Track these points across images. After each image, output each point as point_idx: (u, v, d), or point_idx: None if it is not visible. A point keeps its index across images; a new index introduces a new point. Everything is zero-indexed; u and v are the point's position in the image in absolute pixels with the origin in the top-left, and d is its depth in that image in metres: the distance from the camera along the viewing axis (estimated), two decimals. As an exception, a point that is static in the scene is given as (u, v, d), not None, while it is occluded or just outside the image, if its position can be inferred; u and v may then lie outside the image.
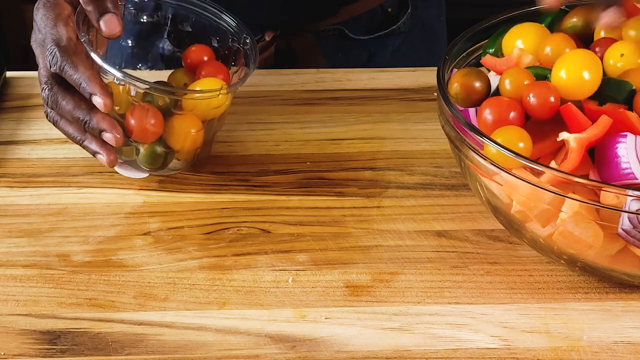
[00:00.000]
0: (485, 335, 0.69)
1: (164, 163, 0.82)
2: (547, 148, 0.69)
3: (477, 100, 0.72)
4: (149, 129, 0.79)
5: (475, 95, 0.72)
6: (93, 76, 0.75)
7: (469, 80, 0.72)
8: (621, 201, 0.63)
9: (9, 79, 0.97)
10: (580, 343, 0.68)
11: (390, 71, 0.98)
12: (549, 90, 0.69)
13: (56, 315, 0.70)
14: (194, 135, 0.80)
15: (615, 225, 0.65)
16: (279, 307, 0.71)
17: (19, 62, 1.91)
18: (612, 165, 0.66)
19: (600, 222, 0.66)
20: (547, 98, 0.69)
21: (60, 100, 0.77)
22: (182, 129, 0.79)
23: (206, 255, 0.76)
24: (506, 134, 0.68)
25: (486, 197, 0.73)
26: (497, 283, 0.73)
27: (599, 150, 0.67)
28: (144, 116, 0.78)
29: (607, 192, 0.64)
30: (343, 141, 0.89)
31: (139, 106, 0.79)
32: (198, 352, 0.68)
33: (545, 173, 0.65)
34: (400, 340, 0.68)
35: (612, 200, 0.63)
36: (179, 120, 0.79)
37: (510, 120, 0.69)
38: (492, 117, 0.70)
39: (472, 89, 0.72)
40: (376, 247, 0.77)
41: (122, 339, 0.68)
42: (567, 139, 0.66)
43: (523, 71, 0.72)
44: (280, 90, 0.95)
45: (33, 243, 0.77)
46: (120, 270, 0.75)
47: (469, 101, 0.72)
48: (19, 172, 0.85)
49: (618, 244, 0.68)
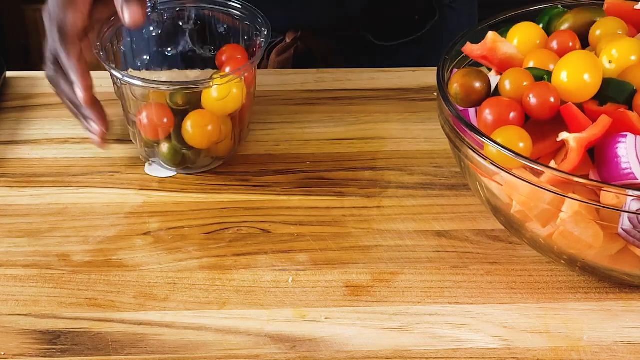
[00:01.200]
0: (485, 335, 0.69)
1: (185, 160, 0.83)
2: (547, 148, 0.69)
3: (477, 100, 0.72)
4: (158, 126, 0.81)
5: (475, 95, 0.72)
6: (80, 68, 0.78)
7: (469, 81, 0.72)
8: (621, 201, 0.63)
9: (9, 79, 0.97)
10: (580, 343, 0.68)
11: (390, 71, 0.98)
12: (549, 90, 0.69)
13: (56, 315, 0.70)
14: (210, 131, 0.81)
15: (616, 225, 0.65)
16: (279, 307, 0.71)
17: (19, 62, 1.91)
18: (612, 165, 0.66)
19: (601, 222, 0.66)
20: (547, 98, 0.69)
21: (59, 81, 0.81)
22: (198, 126, 0.80)
23: (206, 255, 0.76)
24: (506, 134, 0.68)
25: (486, 197, 0.73)
26: (497, 283, 0.73)
27: (599, 150, 0.67)
28: (151, 113, 0.80)
29: (607, 192, 0.64)
30: (343, 141, 0.89)
31: (147, 104, 0.80)
32: (198, 352, 0.68)
33: (545, 173, 0.65)
34: (400, 340, 0.68)
35: (612, 200, 0.63)
36: (194, 116, 0.81)
37: (510, 120, 0.69)
38: (492, 117, 0.70)
39: (472, 89, 0.72)
40: (376, 247, 0.77)
41: (122, 339, 0.68)
42: (567, 138, 0.66)
43: (523, 72, 0.72)
44: (280, 90, 0.95)
45: (33, 243, 0.77)
46: (120, 270, 0.75)
47: (468, 101, 0.72)
48: (19, 172, 0.85)
49: (618, 244, 0.68)
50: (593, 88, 0.69)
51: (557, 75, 0.70)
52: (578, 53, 0.72)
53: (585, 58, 0.70)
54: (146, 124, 0.81)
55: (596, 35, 0.76)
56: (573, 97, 0.69)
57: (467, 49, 0.76)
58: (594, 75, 0.69)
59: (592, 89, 0.69)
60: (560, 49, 0.75)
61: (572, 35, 0.76)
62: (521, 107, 0.70)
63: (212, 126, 0.81)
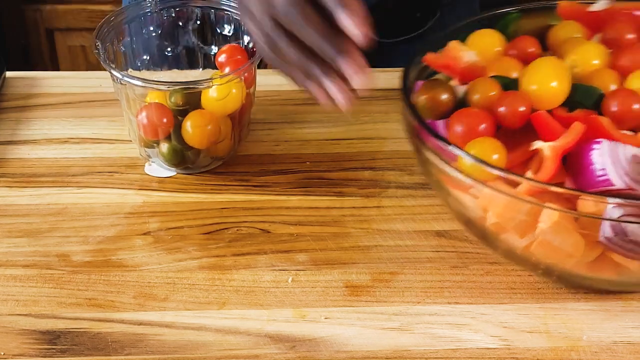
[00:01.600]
0: (485, 335, 0.69)
1: (184, 160, 0.83)
2: (518, 157, 0.68)
3: (445, 112, 0.71)
4: (158, 126, 0.81)
5: (442, 107, 0.71)
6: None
7: (436, 93, 0.71)
8: (600, 209, 0.62)
9: (9, 79, 0.97)
10: (580, 343, 0.68)
11: (390, 71, 0.98)
12: (519, 99, 0.68)
13: (56, 315, 0.70)
14: (209, 131, 0.81)
15: (595, 232, 0.64)
16: (278, 307, 0.71)
17: (19, 62, 1.91)
18: (588, 172, 0.65)
19: (580, 230, 0.65)
20: (518, 107, 0.68)
21: (282, 46, 0.69)
22: (197, 125, 0.81)
23: (206, 255, 0.76)
24: (480, 145, 0.67)
25: (458, 210, 0.72)
26: (497, 283, 0.73)
27: (573, 157, 0.66)
28: (151, 113, 0.80)
29: (586, 200, 0.63)
30: (343, 141, 0.89)
31: (147, 104, 0.80)
32: (198, 352, 0.68)
33: (523, 184, 0.63)
34: (400, 340, 0.68)
35: (591, 208, 0.62)
36: (193, 116, 0.81)
37: (481, 131, 0.68)
38: (463, 129, 0.68)
39: (439, 101, 0.71)
40: (376, 247, 0.77)
41: (122, 339, 0.68)
42: (541, 147, 0.66)
43: (490, 81, 0.71)
44: (280, 90, 0.95)
45: (33, 243, 0.77)
46: (120, 270, 0.75)
47: (436, 113, 0.71)
48: (18, 172, 0.85)
49: (597, 251, 0.67)
50: (562, 95, 0.69)
51: (526, 83, 0.69)
52: (545, 60, 0.71)
53: (553, 65, 0.70)
54: (146, 124, 0.81)
55: (556, 40, 0.76)
56: (543, 105, 0.69)
57: (429, 58, 0.75)
58: (563, 82, 0.69)
59: (561, 96, 0.69)
60: (522, 55, 0.74)
61: (532, 41, 0.75)
62: (491, 117, 0.69)
63: (212, 126, 0.81)
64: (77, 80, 0.98)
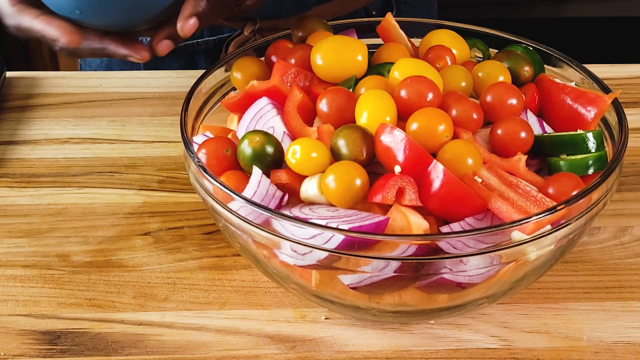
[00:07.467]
0: (485, 335, 0.69)
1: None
2: None
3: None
4: None
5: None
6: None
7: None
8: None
9: (9, 79, 0.98)
10: (580, 343, 0.68)
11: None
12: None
13: (56, 316, 0.70)
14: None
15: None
16: (278, 307, 0.71)
17: (19, 62, 1.91)
18: None
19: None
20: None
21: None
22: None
23: (206, 255, 0.76)
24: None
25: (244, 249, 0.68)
26: (497, 283, 0.73)
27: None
28: None
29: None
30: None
31: None
32: (198, 352, 0.68)
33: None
34: (400, 340, 0.68)
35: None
36: None
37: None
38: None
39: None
40: (376, 247, 0.77)
41: (122, 339, 0.68)
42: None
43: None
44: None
45: (33, 243, 0.77)
46: (120, 271, 0.75)
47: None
48: (19, 172, 0.85)
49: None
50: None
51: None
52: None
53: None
54: None
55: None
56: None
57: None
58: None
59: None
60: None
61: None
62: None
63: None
64: (77, 80, 0.98)
